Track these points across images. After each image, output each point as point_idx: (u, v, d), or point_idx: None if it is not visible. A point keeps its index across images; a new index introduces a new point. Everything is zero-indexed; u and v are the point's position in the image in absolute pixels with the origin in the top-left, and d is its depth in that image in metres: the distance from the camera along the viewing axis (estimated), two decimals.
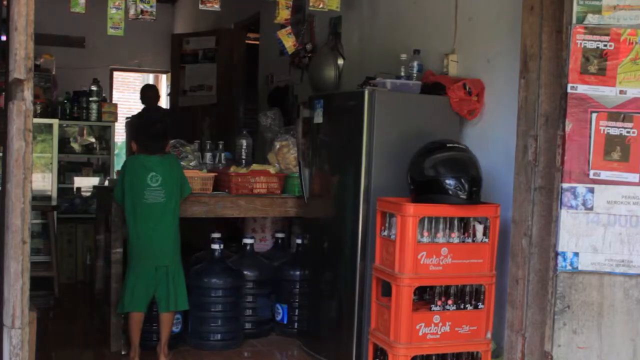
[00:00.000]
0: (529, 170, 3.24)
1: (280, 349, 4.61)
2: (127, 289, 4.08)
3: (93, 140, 7.33)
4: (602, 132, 3.01)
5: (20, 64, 2.55)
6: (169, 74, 9.73)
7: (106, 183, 5.81)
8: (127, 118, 7.75)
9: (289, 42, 4.98)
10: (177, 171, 4.21)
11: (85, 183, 7.14)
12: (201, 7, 4.35)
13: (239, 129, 5.89)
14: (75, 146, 7.21)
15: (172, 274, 4.09)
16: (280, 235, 5.18)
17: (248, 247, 4.82)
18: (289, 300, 4.79)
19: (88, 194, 7.04)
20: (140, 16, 4.36)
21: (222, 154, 5.07)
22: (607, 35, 3.01)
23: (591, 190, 3.03)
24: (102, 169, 7.28)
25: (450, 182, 3.41)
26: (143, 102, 7.32)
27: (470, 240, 3.48)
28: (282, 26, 4.88)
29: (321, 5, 4.53)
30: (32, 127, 2.60)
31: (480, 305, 3.50)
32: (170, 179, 4.11)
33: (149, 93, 7.45)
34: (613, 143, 3.01)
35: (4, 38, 2.75)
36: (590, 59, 3.02)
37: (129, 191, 4.08)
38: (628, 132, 3.00)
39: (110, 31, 4.40)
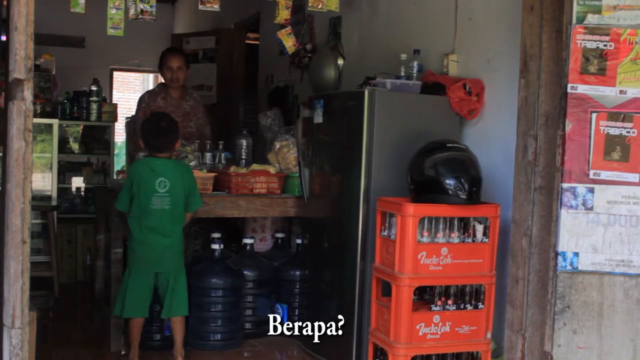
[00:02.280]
0: (529, 170, 3.24)
1: (280, 349, 4.61)
2: (127, 293, 4.04)
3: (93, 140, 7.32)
4: (602, 132, 3.01)
5: (20, 64, 2.55)
6: None
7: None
8: (127, 118, 7.72)
9: (289, 42, 4.97)
10: (188, 180, 4.12)
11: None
12: (201, 7, 4.33)
13: (239, 129, 5.87)
14: (76, 146, 7.21)
15: (172, 280, 4.06)
16: (280, 235, 5.17)
17: (248, 247, 4.82)
18: (289, 300, 4.78)
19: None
20: (140, 16, 4.35)
21: (222, 154, 5.05)
22: (607, 35, 3.01)
23: (591, 190, 3.03)
24: (102, 169, 7.27)
25: (450, 182, 3.40)
26: None
27: (470, 240, 3.47)
28: (282, 26, 4.87)
29: (320, 6, 4.52)
30: (32, 127, 2.60)
31: (480, 305, 3.49)
32: (178, 186, 4.04)
33: None
34: (613, 143, 3.01)
35: (4, 38, 2.75)
36: (590, 59, 3.02)
37: (136, 196, 4.01)
38: (628, 132, 3.00)
39: (110, 31, 4.38)
